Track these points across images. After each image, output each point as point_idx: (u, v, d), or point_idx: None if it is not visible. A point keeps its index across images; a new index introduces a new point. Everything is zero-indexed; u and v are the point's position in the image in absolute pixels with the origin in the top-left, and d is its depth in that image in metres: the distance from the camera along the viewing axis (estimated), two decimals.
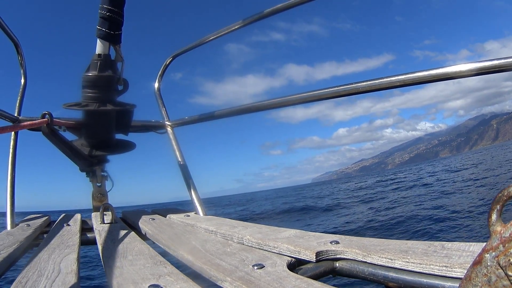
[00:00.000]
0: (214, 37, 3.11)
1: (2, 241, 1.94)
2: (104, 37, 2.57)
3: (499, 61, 1.51)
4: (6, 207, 2.58)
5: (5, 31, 3.04)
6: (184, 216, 2.75)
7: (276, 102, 2.56)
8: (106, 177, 3.25)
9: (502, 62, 1.50)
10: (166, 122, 3.55)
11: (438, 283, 1.08)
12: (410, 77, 1.81)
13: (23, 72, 3.29)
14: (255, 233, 1.85)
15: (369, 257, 1.30)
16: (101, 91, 2.64)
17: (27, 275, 1.31)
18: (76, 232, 2.27)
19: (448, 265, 1.08)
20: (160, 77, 3.69)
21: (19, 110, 3.09)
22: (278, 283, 1.11)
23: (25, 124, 2.49)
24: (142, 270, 1.37)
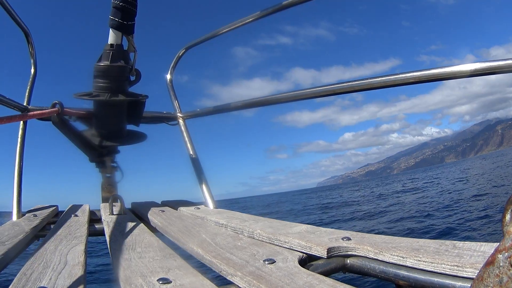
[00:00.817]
0: (228, 29, 3.10)
1: (7, 232, 1.94)
2: (117, 27, 2.57)
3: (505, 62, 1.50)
4: (13, 197, 2.57)
5: (16, 20, 3.04)
6: (194, 208, 2.74)
7: (288, 96, 2.56)
8: (116, 168, 3.24)
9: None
10: (178, 114, 3.54)
11: (449, 282, 1.08)
12: (418, 75, 1.81)
13: (33, 61, 3.29)
14: (266, 227, 1.85)
15: (381, 255, 1.29)
16: (113, 81, 2.64)
17: (32, 267, 1.30)
18: (84, 223, 2.26)
19: (460, 265, 1.08)
20: (173, 69, 3.67)
21: (29, 100, 3.07)
22: (290, 279, 1.11)
23: (34, 113, 2.49)
24: (151, 263, 1.37)
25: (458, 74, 1.66)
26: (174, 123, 3.54)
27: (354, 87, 2.10)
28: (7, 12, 2.89)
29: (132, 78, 2.79)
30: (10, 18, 2.97)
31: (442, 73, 1.70)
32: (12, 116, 1.85)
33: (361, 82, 2.06)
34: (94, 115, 2.89)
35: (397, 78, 1.88)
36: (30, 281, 1.15)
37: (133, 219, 2.38)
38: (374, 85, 2.00)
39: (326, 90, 2.26)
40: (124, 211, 2.62)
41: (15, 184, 2.63)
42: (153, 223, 2.38)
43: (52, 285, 1.12)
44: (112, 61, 2.58)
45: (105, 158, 3.10)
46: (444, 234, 11.81)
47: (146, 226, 2.24)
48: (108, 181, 3.22)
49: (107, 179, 3.22)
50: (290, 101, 2.57)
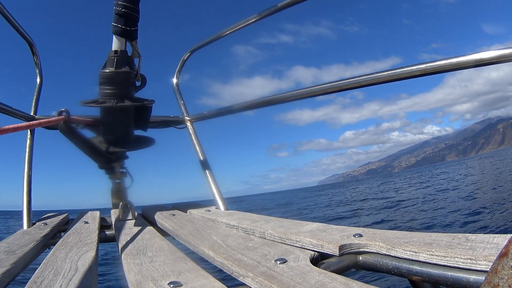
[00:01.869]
0: (231, 31, 3.09)
1: (17, 241, 1.94)
2: (120, 33, 2.57)
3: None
4: (22, 206, 2.57)
5: (19, 31, 3.06)
6: (205, 211, 2.74)
7: (292, 94, 2.55)
8: (125, 173, 3.24)
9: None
10: (185, 117, 3.54)
11: (462, 276, 1.07)
12: (418, 68, 1.81)
13: (38, 71, 3.31)
14: (277, 227, 1.84)
15: (393, 250, 1.28)
16: (118, 87, 2.64)
17: (43, 275, 1.30)
18: (95, 229, 2.26)
19: (473, 258, 1.06)
20: (178, 72, 3.69)
21: (35, 109, 3.09)
22: (302, 278, 1.10)
23: (41, 121, 2.49)
24: (162, 266, 1.37)
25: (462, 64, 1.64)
26: (182, 126, 3.55)
27: (360, 82, 2.09)
28: (11, 24, 2.90)
29: (137, 83, 2.79)
30: (13, 29, 2.99)
31: (448, 64, 1.69)
32: (18, 125, 1.84)
33: (367, 77, 2.05)
34: (101, 122, 2.89)
35: (402, 72, 1.87)
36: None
37: (144, 224, 2.38)
38: (380, 79, 1.99)
39: (332, 86, 2.25)
40: (134, 216, 2.62)
41: (25, 193, 2.62)
42: (163, 227, 2.38)
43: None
44: (117, 67, 2.59)
45: (114, 164, 3.09)
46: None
47: (157, 230, 2.24)
48: (117, 187, 3.22)
49: (117, 185, 3.22)
50: (295, 99, 2.57)
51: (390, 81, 1.97)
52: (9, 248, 1.74)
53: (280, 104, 2.70)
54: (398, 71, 1.90)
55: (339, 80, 2.23)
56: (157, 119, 3.47)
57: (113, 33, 2.58)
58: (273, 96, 2.74)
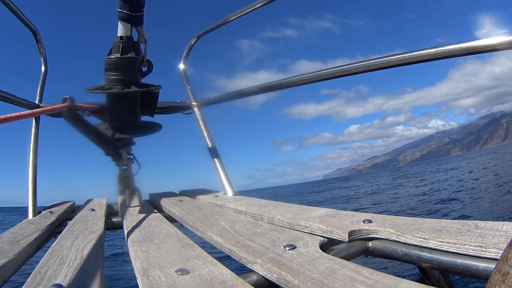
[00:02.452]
0: (238, 15, 3.07)
1: (22, 230, 1.93)
2: (125, 19, 2.55)
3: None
4: (28, 195, 2.57)
5: (23, 20, 3.06)
6: (213, 196, 2.74)
7: (301, 78, 2.54)
8: (132, 160, 3.24)
9: None
10: (192, 103, 3.53)
11: (472, 263, 1.06)
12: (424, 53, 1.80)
13: (43, 60, 3.32)
14: (286, 212, 1.84)
15: (403, 237, 1.27)
16: (124, 73, 2.63)
17: (48, 264, 1.29)
18: (101, 217, 2.26)
19: (483, 245, 1.06)
20: (185, 58, 3.67)
21: (40, 97, 3.10)
22: (311, 264, 1.09)
23: (45, 109, 2.48)
24: (169, 253, 1.36)
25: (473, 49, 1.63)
26: (189, 112, 3.53)
27: (369, 66, 2.08)
28: (14, 13, 2.90)
29: (144, 69, 2.78)
30: (17, 19, 2.98)
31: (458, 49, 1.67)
32: (21, 114, 1.83)
33: (377, 60, 2.03)
34: (107, 109, 2.88)
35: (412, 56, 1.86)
36: (45, 278, 1.14)
37: (151, 210, 2.38)
38: (389, 63, 1.98)
39: (341, 70, 2.24)
40: (141, 202, 2.62)
41: (30, 182, 2.62)
42: (171, 213, 2.38)
43: (68, 281, 1.11)
44: (122, 53, 2.57)
45: (121, 150, 3.09)
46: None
47: (164, 216, 2.24)
48: (124, 174, 3.21)
49: (124, 172, 3.22)
50: (303, 83, 2.55)
51: (400, 65, 1.96)
52: (13, 238, 1.74)
53: (289, 88, 2.69)
54: (407, 55, 1.88)
55: (348, 64, 2.22)
56: (164, 105, 3.46)
57: (118, 19, 2.56)
58: (281, 80, 2.73)
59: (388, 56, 1.99)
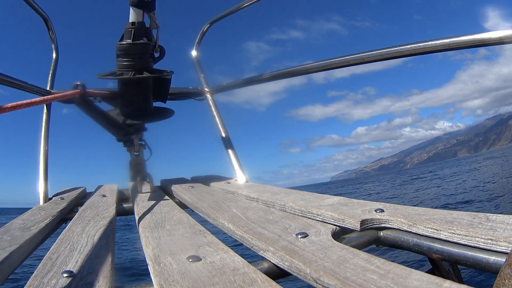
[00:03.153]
0: (250, 2, 3.05)
1: (33, 217, 1.93)
2: (137, 4, 2.54)
3: None
4: (38, 181, 2.58)
5: (33, 7, 3.06)
6: (225, 183, 2.74)
7: (313, 66, 2.54)
8: (144, 146, 3.24)
9: None
10: (205, 89, 3.53)
11: (482, 256, 1.06)
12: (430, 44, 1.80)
13: (54, 46, 3.33)
14: (298, 200, 1.84)
15: (414, 227, 1.28)
16: (136, 59, 2.62)
17: (58, 250, 1.30)
18: (113, 203, 2.27)
19: (493, 238, 1.06)
20: (198, 44, 3.66)
21: (52, 84, 3.11)
22: (323, 253, 1.10)
23: (56, 96, 2.48)
24: (181, 240, 1.37)
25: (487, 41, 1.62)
26: (201, 98, 3.53)
27: (383, 55, 2.07)
28: (25, 0, 2.90)
29: (156, 55, 2.77)
30: (28, 5, 2.99)
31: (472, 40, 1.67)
32: (32, 100, 1.83)
33: (390, 49, 2.03)
34: (119, 94, 2.88)
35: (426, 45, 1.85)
36: (56, 265, 1.15)
37: (163, 197, 2.39)
38: (403, 52, 1.97)
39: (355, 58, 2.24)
40: (153, 188, 2.63)
41: (41, 168, 2.64)
42: (182, 200, 2.38)
43: (79, 268, 1.12)
44: (134, 39, 2.56)
45: (133, 136, 3.09)
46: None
47: (176, 203, 2.25)
48: (136, 160, 3.22)
49: (135, 158, 3.22)
50: (318, 71, 2.55)
51: (412, 55, 1.95)
52: (24, 225, 1.74)
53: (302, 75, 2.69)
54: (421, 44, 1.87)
55: (362, 52, 2.22)
56: (176, 91, 3.46)
57: (130, 5, 2.55)
58: (293, 68, 2.73)
59: (401, 45, 1.98)
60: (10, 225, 1.73)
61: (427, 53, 1.87)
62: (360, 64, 2.27)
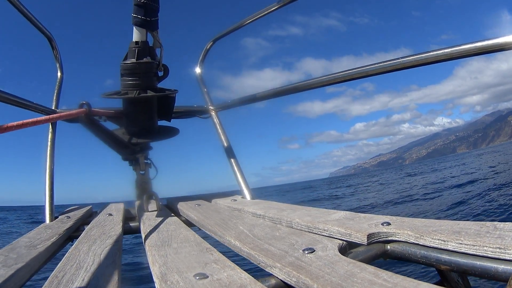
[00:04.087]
0: (253, 19, 3.07)
1: (39, 235, 1.94)
2: (140, 24, 2.55)
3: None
4: (45, 200, 2.58)
5: (37, 26, 3.09)
6: (231, 200, 2.75)
7: (316, 81, 2.54)
8: (150, 164, 3.25)
9: None
10: (209, 107, 3.54)
11: (491, 265, 1.06)
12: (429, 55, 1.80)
13: (59, 65, 3.35)
14: (304, 216, 1.84)
15: (422, 239, 1.27)
16: (141, 78, 2.63)
17: (65, 269, 1.30)
18: (119, 221, 2.27)
19: (502, 247, 1.05)
20: (201, 62, 3.69)
21: (57, 103, 3.13)
22: (330, 268, 1.09)
23: (61, 114, 2.49)
24: (187, 258, 1.36)
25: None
26: (206, 116, 3.55)
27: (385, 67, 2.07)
28: (29, 20, 2.93)
29: (160, 73, 2.79)
30: (32, 25, 3.01)
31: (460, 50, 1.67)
32: (38, 119, 1.83)
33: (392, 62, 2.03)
34: (124, 114, 2.90)
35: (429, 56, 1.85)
36: (62, 283, 1.15)
37: (169, 215, 2.38)
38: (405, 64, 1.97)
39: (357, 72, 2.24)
40: (159, 207, 2.62)
41: (47, 187, 2.64)
42: (189, 218, 2.38)
43: (85, 286, 1.12)
44: (138, 58, 2.58)
45: (138, 155, 3.10)
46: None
47: (182, 221, 2.24)
48: (142, 178, 3.22)
49: (141, 176, 3.23)
50: (317, 87, 2.56)
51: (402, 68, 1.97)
52: (30, 243, 1.74)
53: (302, 92, 2.70)
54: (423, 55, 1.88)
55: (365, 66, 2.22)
56: (181, 109, 3.47)
57: (133, 24, 2.57)
58: (296, 84, 2.74)
59: (403, 57, 1.98)
60: (16, 243, 1.73)
61: (430, 63, 1.87)
62: (364, 78, 2.27)
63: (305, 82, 2.65)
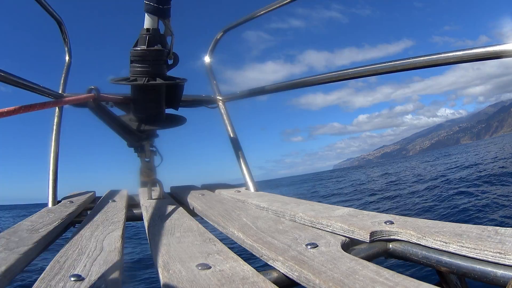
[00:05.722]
0: (265, 11, 3.06)
1: (41, 219, 1.94)
2: (152, 11, 2.55)
3: None
4: (48, 184, 2.59)
5: (47, 10, 3.08)
6: (235, 191, 2.75)
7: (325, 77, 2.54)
8: (155, 152, 3.25)
9: None
10: (217, 97, 3.54)
11: (490, 270, 1.07)
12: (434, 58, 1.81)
13: (67, 50, 3.35)
14: (308, 210, 1.84)
15: (424, 240, 1.28)
16: (150, 66, 2.63)
17: (67, 254, 1.31)
18: (122, 208, 2.27)
19: (502, 252, 1.06)
20: (211, 52, 3.67)
21: (64, 87, 3.13)
22: (332, 264, 1.10)
23: (69, 99, 2.50)
24: (190, 247, 1.37)
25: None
26: (213, 106, 3.54)
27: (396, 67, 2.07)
28: (39, 3, 2.92)
29: (170, 62, 2.78)
30: (42, 8, 3.01)
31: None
32: (45, 103, 1.83)
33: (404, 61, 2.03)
34: (132, 100, 2.89)
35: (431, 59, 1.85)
36: (64, 268, 1.16)
37: (172, 203, 2.39)
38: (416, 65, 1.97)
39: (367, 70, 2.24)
40: (163, 195, 2.64)
41: (51, 171, 2.65)
42: (192, 207, 2.39)
43: (87, 272, 1.12)
44: (148, 45, 2.57)
45: (144, 142, 3.10)
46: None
47: (186, 210, 2.24)
48: (147, 166, 3.22)
49: (146, 164, 3.23)
50: (324, 83, 2.55)
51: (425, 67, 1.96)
52: (32, 227, 1.75)
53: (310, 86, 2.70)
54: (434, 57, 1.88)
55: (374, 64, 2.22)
56: (189, 98, 3.47)
57: (145, 11, 2.56)
58: (304, 78, 2.73)
59: (416, 57, 1.98)
60: (18, 227, 1.74)
61: (440, 65, 1.87)
62: (373, 76, 2.27)
63: (313, 77, 2.64)
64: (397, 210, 13.20)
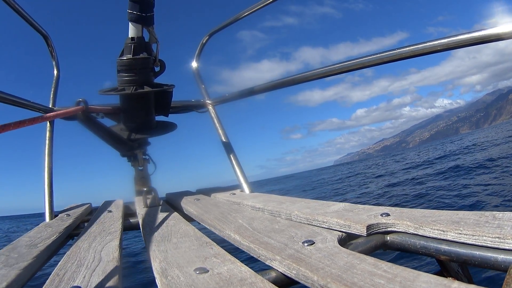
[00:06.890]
0: (250, 12, 3.06)
1: (39, 234, 1.93)
2: (136, 20, 2.55)
3: None
4: (44, 199, 2.58)
5: (33, 25, 3.08)
6: (230, 194, 2.75)
7: (314, 73, 2.53)
8: (148, 160, 3.26)
9: None
10: (207, 101, 3.54)
11: (490, 255, 1.06)
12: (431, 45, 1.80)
13: (55, 63, 3.35)
14: (303, 208, 1.84)
15: (421, 229, 1.27)
16: (137, 74, 2.63)
17: (66, 266, 1.30)
18: (119, 218, 2.27)
19: (501, 236, 1.05)
20: (198, 56, 3.69)
21: (54, 101, 3.13)
22: (330, 259, 1.10)
23: (58, 113, 2.49)
24: (187, 252, 1.37)
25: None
26: (203, 110, 3.55)
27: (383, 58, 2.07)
28: (24, 18, 2.92)
29: (156, 69, 2.79)
30: (27, 24, 3.01)
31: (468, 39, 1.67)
32: (35, 118, 1.83)
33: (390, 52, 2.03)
34: (121, 110, 2.90)
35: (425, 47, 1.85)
36: (63, 281, 1.15)
37: (168, 210, 2.39)
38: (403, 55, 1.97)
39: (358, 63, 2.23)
40: (158, 202, 2.64)
41: (46, 185, 2.64)
42: (188, 212, 2.39)
43: (86, 283, 1.12)
44: (134, 54, 2.58)
45: (136, 151, 3.11)
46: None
47: (182, 215, 2.24)
48: (141, 174, 3.23)
49: (140, 172, 3.24)
50: (316, 78, 2.55)
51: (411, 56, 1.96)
52: (31, 242, 1.74)
53: (300, 84, 2.69)
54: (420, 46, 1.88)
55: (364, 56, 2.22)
56: (178, 104, 3.47)
57: (129, 20, 2.56)
58: (293, 76, 2.73)
59: (401, 47, 1.98)
60: (17, 243, 1.73)
61: (427, 54, 1.87)
62: (362, 69, 2.27)
63: (303, 74, 2.64)
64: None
